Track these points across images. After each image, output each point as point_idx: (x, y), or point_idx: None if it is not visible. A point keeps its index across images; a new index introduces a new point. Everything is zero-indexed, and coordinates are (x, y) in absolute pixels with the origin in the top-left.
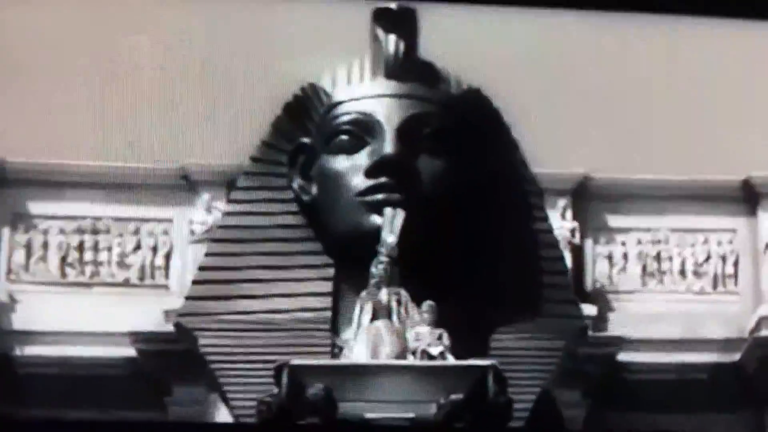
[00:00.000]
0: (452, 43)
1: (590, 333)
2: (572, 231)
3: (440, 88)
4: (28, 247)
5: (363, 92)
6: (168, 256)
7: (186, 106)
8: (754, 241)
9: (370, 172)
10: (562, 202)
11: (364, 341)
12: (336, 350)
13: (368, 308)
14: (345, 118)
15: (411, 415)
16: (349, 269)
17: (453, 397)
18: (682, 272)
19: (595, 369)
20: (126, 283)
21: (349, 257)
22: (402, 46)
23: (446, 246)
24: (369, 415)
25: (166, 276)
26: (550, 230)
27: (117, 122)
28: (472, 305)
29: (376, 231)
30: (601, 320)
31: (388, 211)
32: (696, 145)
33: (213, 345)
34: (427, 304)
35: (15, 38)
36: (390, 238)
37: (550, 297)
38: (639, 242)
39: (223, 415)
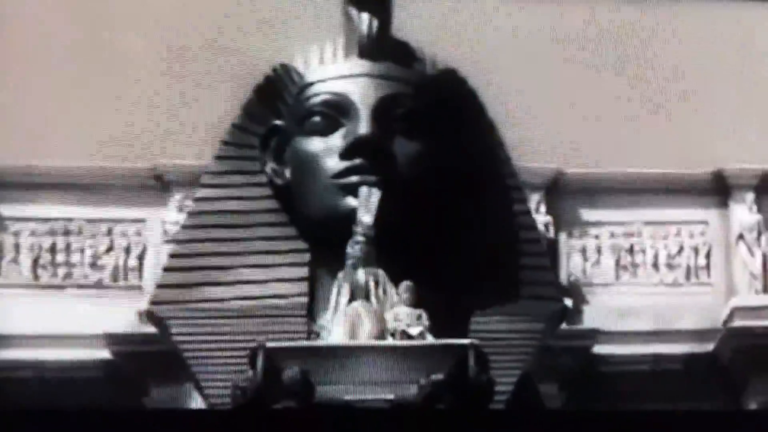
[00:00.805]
0: (426, 24)
1: (565, 326)
2: (546, 225)
3: (415, 68)
4: None
5: (336, 72)
6: (141, 257)
7: (156, 104)
8: (725, 232)
9: (344, 154)
10: (535, 197)
11: (341, 323)
12: (313, 336)
13: (345, 290)
14: (318, 98)
15: (391, 396)
16: (325, 254)
17: (433, 377)
18: (655, 265)
19: (571, 361)
20: (99, 285)
21: (324, 241)
22: (375, 25)
23: (424, 226)
24: (347, 398)
25: (140, 277)
26: (528, 212)
27: (87, 122)
28: (450, 287)
29: (352, 213)
30: (576, 313)
31: (363, 189)
32: (667, 138)
33: (185, 333)
34: (405, 284)
35: None
36: (366, 217)
37: (529, 279)
38: (612, 235)
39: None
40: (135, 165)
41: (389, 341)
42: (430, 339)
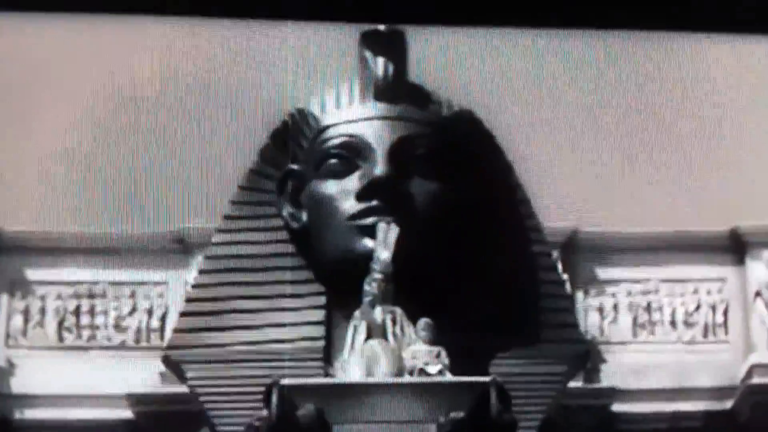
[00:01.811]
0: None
1: (583, 385)
2: None
3: (431, 110)
4: (26, 313)
5: (352, 115)
6: (163, 319)
7: (177, 169)
8: (743, 289)
9: (361, 195)
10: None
11: (357, 361)
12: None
13: (362, 328)
14: (335, 141)
15: None
16: (341, 297)
17: (453, 415)
18: (673, 322)
19: (589, 420)
20: (122, 346)
21: (341, 284)
22: (391, 68)
23: (442, 264)
24: None
25: (162, 338)
26: (548, 253)
27: (110, 189)
28: (469, 326)
29: (369, 255)
30: (593, 372)
31: (381, 226)
32: (683, 196)
33: (201, 377)
34: (423, 321)
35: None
36: (384, 254)
37: (551, 320)
38: (629, 293)
39: None
40: (157, 229)
41: (407, 378)
42: (449, 377)
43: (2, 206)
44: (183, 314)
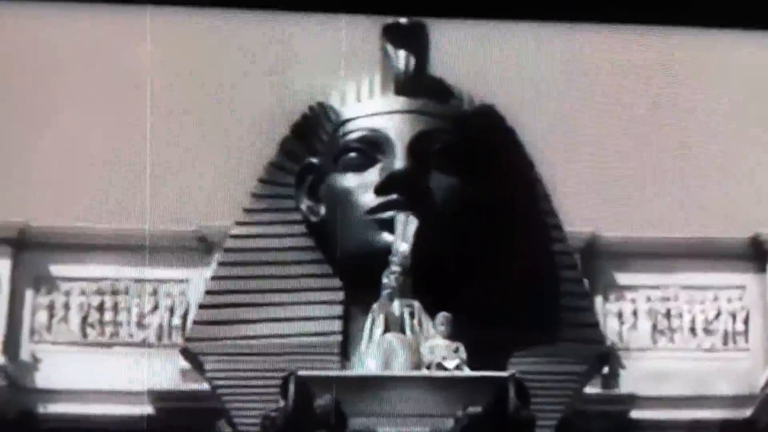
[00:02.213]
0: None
1: (601, 391)
2: None
3: (452, 104)
4: (51, 308)
5: (373, 109)
6: (185, 317)
7: (201, 168)
8: (763, 297)
9: (380, 189)
10: None
11: (375, 354)
12: None
13: (380, 320)
14: (354, 135)
15: (426, 429)
16: (360, 292)
17: (471, 409)
18: (692, 329)
19: (608, 426)
20: (144, 343)
21: (359, 278)
22: (412, 61)
23: (461, 258)
24: (381, 430)
25: (183, 336)
26: (569, 252)
27: (134, 185)
28: (488, 324)
29: (388, 249)
30: (612, 378)
31: (400, 218)
32: (704, 202)
33: (219, 369)
34: (442, 315)
35: (36, 109)
36: (402, 246)
37: (570, 320)
38: (649, 299)
39: None
40: (180, 227)
41: (425, 372)
42: (467, 372)
43: (28, 202)
44: (202, 306)
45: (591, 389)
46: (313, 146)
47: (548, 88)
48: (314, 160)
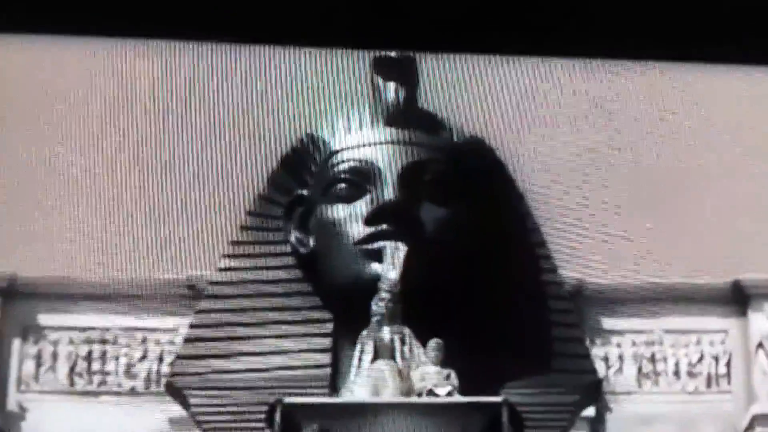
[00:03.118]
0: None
1: None
2: None
3: (442, 136)
4: (38, 358)
5: (363, 140)
6: (173, 365)
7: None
8: (745, 341)
9: (369, 220)
10: None
11: (364, 382)
12: None
13: (369, 348)
14: (344, 165)
15: None
16: (349, 324)
17: None
18: (677, 373)
19: None
20: (132, 392)
21: (348, 310)
22: (402, 93)
23: (450, 287)
24: None
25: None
26: (559, 282)
27: (123, 236)
28: (479, 354)
29: (377, 279)
30: (599, 421)
31: (389, 245)
32: (687, 250)
33: (204, 404)
34: (433, 341)
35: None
36: (391, 273)
37: (562, 350)
38: (634, 344)
39: None
40: (169, 276)
41: (416, 398)
42: (459, 398)
43: (16, 253)
44: (187, 340)
45: None
46: (302, 178)
47: (530, 126)
48: (303, 192)
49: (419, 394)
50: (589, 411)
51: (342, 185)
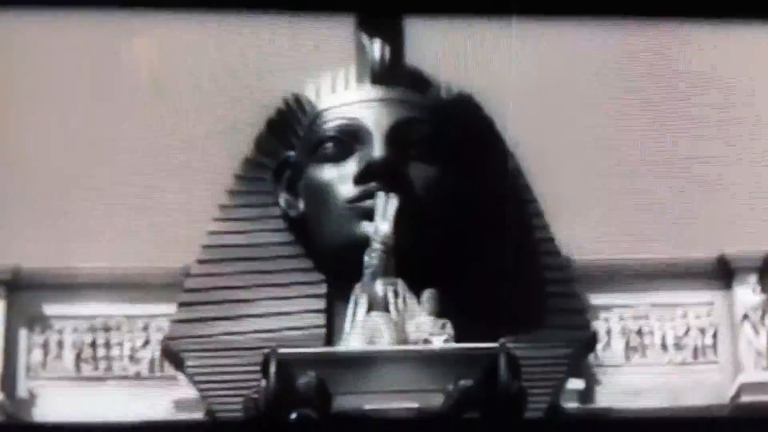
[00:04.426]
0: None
1: (579, 406)
2: None
3: (429, 93)
4: (45, 346)
5: (349, 99)
6: None
7: (189, 208)
8: (730, 313)
9: (359, 179)
10: None
11: (359, 335)
12: None
13: (363, 301)
14: (331, 125)
15: (415, 405)
16: (342, 284)
17: (461, 384)
18: (664, 345)
19: None
20: (137, 377)
21: (341, 270)
22: (388, 51)
23: (443, 240)
24: (367, 407)
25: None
26: (551, 239)
27: (123, 226)
28: (471, 310)
29: (368, 238)
30: (588, 393)
31: (380, 196)
32: (672, 224)
33: (200, 366)
34: (428, 292)
35: (25, 149)
36: (383, 225)
37: (557, 305)
38: (621, 318)
39: None
40: (168, 264)
41: (411, 346)
42: (456, 345)
43: (18, 245)
44: (181, 304)
45: (569, 404)
46: (289, 140)
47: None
48: (291, 153)
49: (415, 344)
50: (579, 384)
51: (329, 144)
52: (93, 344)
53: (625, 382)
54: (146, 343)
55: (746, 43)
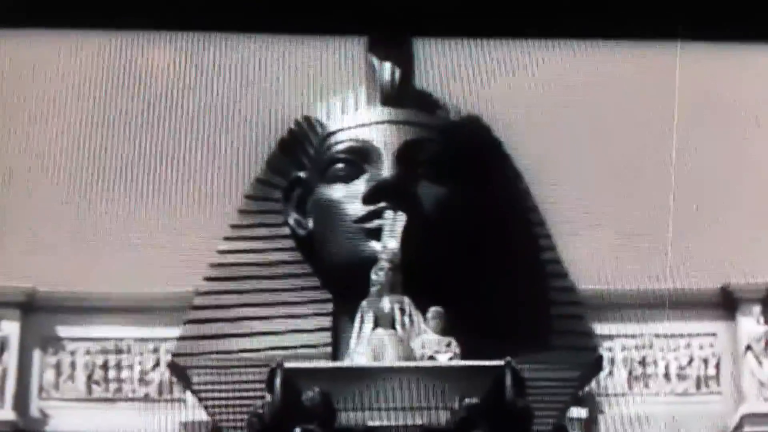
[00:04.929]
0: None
1: None
2: None
3: (438, 115)
4: (58, 367)
5: (359, 120)
6: None
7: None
8: (734, 343)
9: (367, 198)
10: None
11: (364, 349)
12: None
13: (369, 317)
14: (341, 146)
15: (420, 422)
16: (349, 303)
17: (467, 401)
18: (667, 375)
19: None
20: (146, 398)
21: (348, 288)
22: (397, 72)
23: (450, 259)
24: (372, 423)
25: (183, 390)
26: (558, 260)
27: (134, 251)
28: (477, 331)
29: (376, 257)
30: (591, 423)
31: (388, 214)
32: (676, 255)
33: (206, 382)
34: (434, 309)
35: (42, 174)
36: (391, 242)
37: (564, 327)
38: (624, 348)
39: None
40: (178, 288)
41: (416, 362)
42: (461, 362)
43: (34, 269)
44: (189, 321)
45: None
46: (300, 160)
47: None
48: (301, 174)
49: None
50: (582, 413)
51: (339, 165)
52: (104, 366)
53: (628, 412)
54: (156, 365)
55: None
